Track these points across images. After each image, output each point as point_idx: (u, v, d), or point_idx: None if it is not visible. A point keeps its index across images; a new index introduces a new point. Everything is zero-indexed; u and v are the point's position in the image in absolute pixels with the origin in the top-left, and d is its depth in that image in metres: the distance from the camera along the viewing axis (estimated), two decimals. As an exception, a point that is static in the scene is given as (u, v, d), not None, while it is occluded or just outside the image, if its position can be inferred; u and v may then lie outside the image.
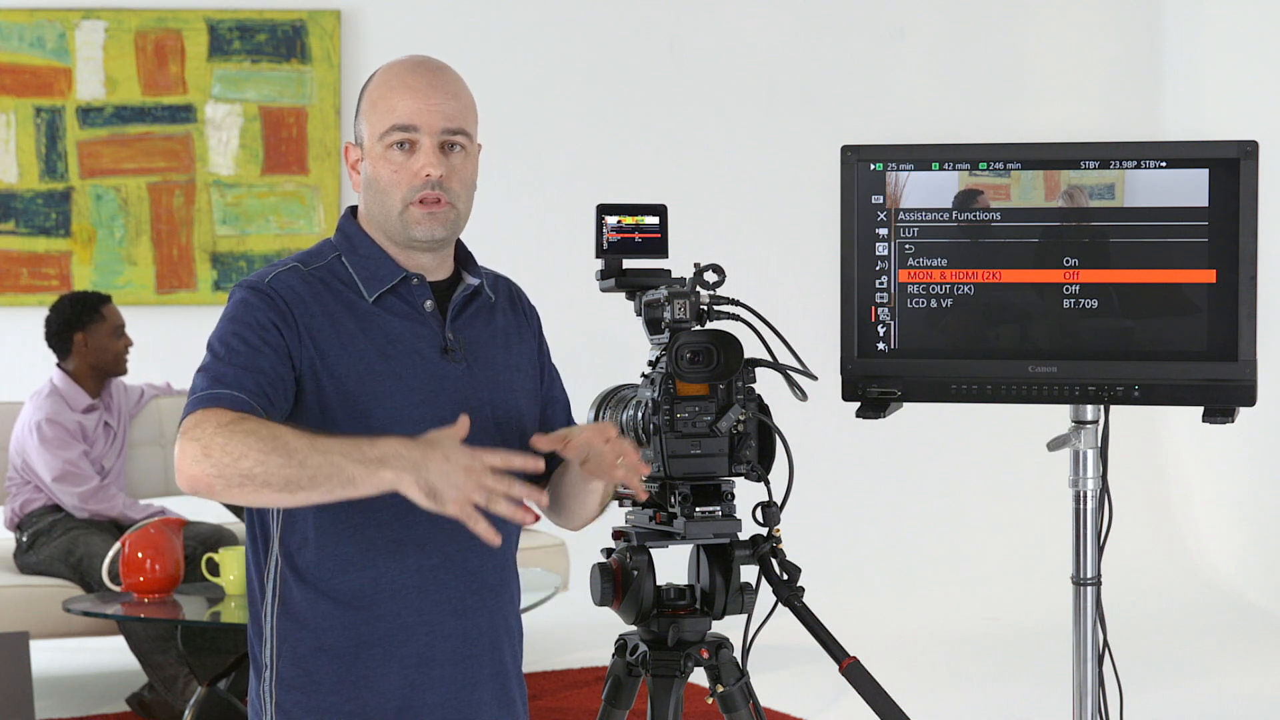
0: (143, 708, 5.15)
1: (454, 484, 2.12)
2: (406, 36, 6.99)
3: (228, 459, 2.15)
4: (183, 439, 2.20)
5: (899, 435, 6.30)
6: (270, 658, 2.39)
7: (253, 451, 2.15)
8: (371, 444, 2.15)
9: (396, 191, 2.39)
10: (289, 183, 7.01)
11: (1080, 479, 2.96)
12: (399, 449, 2.13)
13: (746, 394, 2.57)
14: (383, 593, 2.37)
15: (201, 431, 2.18)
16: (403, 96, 2.38)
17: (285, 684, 2.38)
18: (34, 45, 6.87)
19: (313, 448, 2.14)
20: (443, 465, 2.12)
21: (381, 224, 2.42)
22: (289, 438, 2.16)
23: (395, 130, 2.38)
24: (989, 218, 2.89)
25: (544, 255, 7.00)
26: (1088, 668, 2.95)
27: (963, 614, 6.63)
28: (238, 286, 2.39)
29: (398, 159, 2.38)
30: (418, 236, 2.39)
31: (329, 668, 2.37)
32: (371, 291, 2.39)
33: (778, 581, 2.59)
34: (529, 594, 4.70)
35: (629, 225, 2.69)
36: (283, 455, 2.14)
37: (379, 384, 2.35)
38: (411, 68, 2.41)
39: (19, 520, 5.57)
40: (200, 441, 2.18)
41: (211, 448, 2.16)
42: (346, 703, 2.37)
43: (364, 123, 2.42)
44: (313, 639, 2.37)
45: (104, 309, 5.68)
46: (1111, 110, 7.42)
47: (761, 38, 7.29)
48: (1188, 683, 5.55)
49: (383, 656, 2.37)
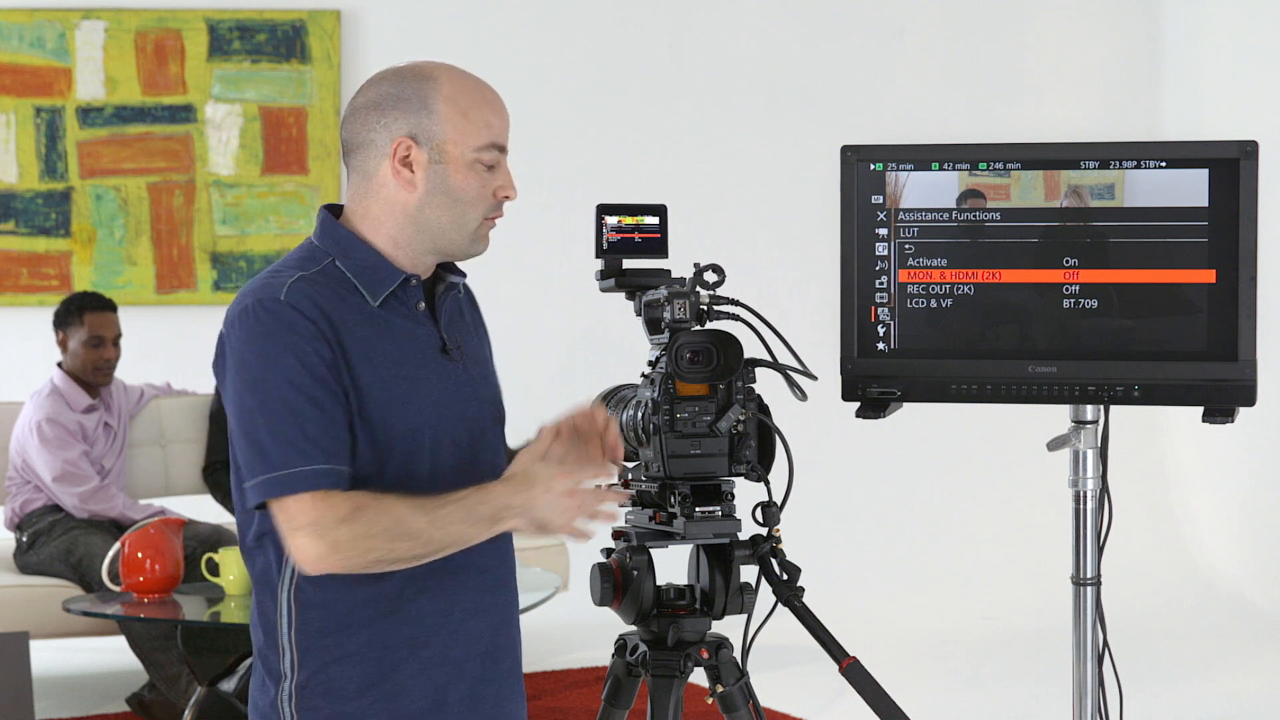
0: (143, 708, 5.15)
1: (559, 511, 2.29)
2: (406, 36, 6.99)
3: (356, 554, 2.24)
4: (301, 535, 2.24)
5: (899, 435, 6.30)
6: (290, 667, 2.35)
7: (380, 545, 2.24)
8: (481, 500, 2.28)
9: (480, 206, 2.37)
10: (289, 183, 7.01)
11: (1080, 479, 2.96)
12: (507, 499, 2.28)
13: (746, 394, 2.56)
14: (405, 596, 2.35)
15: (323, 529, 2.23)
16: (493, 113, 2.38)
17: (307, 692, 2.34)
18: (34, 45, 6.87)
19: (433, 524, 2.26)
20: (545, 498, 2.28)
21: (440, 232, 2.37)
22: (409, 519, 2.25)
23: (493, 148, 2.37)
24: (989, 218, 2.89)
25: (544, 255, 7.01)
26: (1088, 668, 2.95)
27: (963, 614, 6.63)
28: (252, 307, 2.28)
29: (484, 175, 2.37)
30: (477, 252, 2.42)
31: (353, 674, 2.34)
32: (376, 296, 2.36)
33: (777, 581, 2.59)
34: (529, 594, 4.69)
35: (629, 225, 2.69)
36: (408, 541, 2.25)
37: (399, 388, 2.33)
38: (481, 83, 2.40)
39: (19, 520, 5.57)
40: (325, 540, 2.24)
41: (339, 545, 2.24)
42: (372, 705, 2.35)
43: (448, 128, 2.35)
44: (335, 646, 2.34)
45: (86, 316, 5.60)
46: (1111, 110, 7.42)
47: (761, 38, 7.29)
48: (1188, 683, 5.55)
49: (406, 658, 2.36)
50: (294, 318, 2.27)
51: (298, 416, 2.25)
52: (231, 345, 2.31)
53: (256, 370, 2.27)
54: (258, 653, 2.40)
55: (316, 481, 2.24)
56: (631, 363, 2.93)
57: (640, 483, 2.64)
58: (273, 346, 2.26)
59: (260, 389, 2.26)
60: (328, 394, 2.26)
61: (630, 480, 2.67)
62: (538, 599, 4.78)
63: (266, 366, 2.26)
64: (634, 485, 2.66)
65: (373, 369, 2.31)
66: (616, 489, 2.42)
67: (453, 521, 2.25)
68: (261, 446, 2.25)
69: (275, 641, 2.36)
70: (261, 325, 2.27)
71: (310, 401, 2.25)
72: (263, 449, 2.25)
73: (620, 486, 2.66)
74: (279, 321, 2.27)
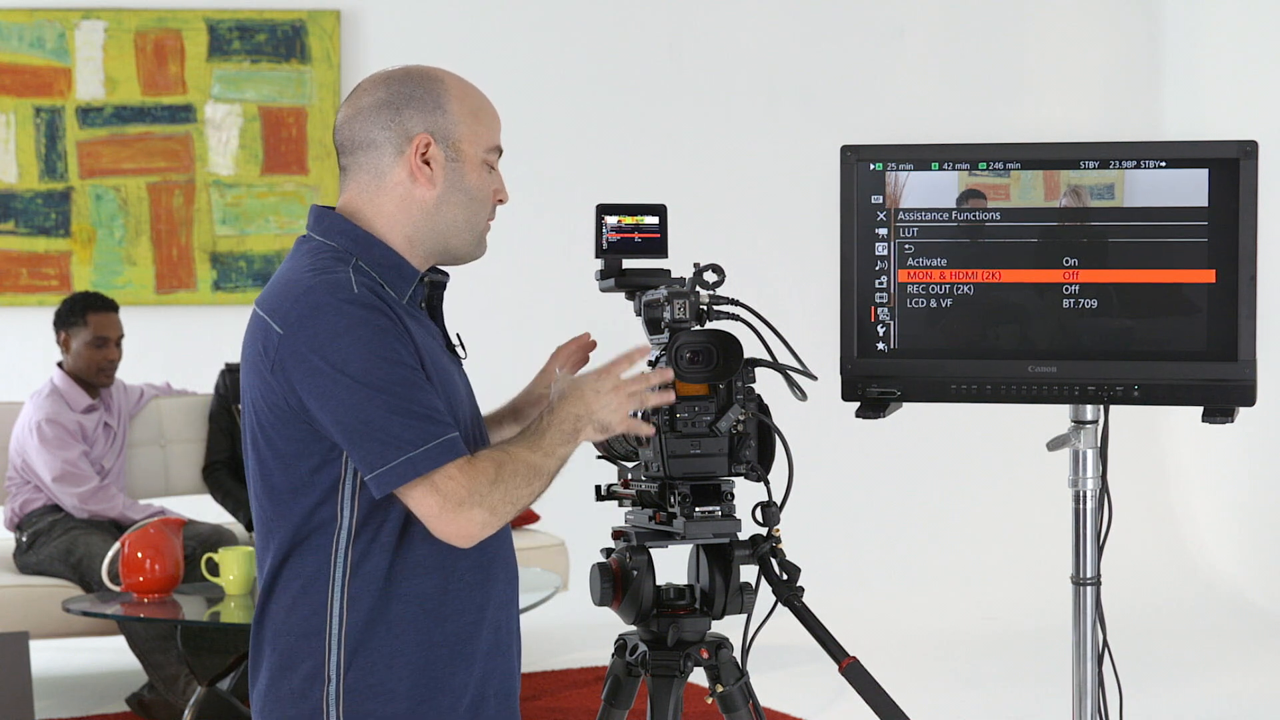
0: (143, 708, 5.15)
1: (613, 409, 2.37)
2: (406, 36, 7.00)
3: (508, 509, 2.31)
4: (459, 510, 2.26)
5: (899, 435, 6.31)
6: (335, 669, 2.33)
7: (523, 493, 2.31)
8: (561, 421, 2.35)
9: (488, 206, 2.44)
10: (289, 183, 7.01)
11: (1080, 479, 2.96)
12: (575, 411, 2.36)
13: (746, 394, 2.56)
14: (449, 593, 2.36)
15: (481, 496, 2.28)
16: (495, 117, 2.45)
17: (356, 694, 2.32)
18: (34, 45, 6.87)
19: (547, 456, 2.33)
20: (600, 399, 2.36)
21: (453, 231, 2.41)
22: (531, 459, 2.32)
23: (496, 150, 2.44)
24: (989, 218, 2.89)
25: (544, 255, 7.01)
26: (1088, 668, 2.95)
27: (963, 614, 6.63)
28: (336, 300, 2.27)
29: (488, 176, 2.44)
30: (479, 254, 2.46)
31: (403, 674, 2.33)
32: (403, 293, 2.38)
33: (777, 581, 2.58)
34: (529, 594, 4.70)
35: (629, 225, 2.69)
36: (539, 479, 2.32)
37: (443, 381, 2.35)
38: (477, 87, 2.45)
39: (19, 520, 5.57)
40: (484, 506, 2.28)
41: (496, 507, 2.29)
42: (420, 704, 2.34)
43: (462, 128, 2.39)
44: (387, 647, 2.33)
45: (90, 315, 5.61)
46: (1111, 110, 7.42)
47: (761, 38, 7.29)
48: (1188, 683, 5.55)
49: (449, 656, 2.36)
50: (377, 305, 2.28)
51: (419, 392, 2.26)
52: (312, 344, 2.26)
53: (361, 360, 2.24)
54: (289, 655, 2.35)
55: (459, 448, 2.27)
56: (631, 363, 2.92)
57: (640, 483, 2.64)
58: (369, 334, 2.26)
59: (371, 375, 2.24)
60: (412, 362, 2.29)
61: (630, 480, 2.67)
62: (538, 599, 4.77)
63: (371, 353, 2.25)
64: (634, 485, 2.66)
65: (429, 362, 2.33)
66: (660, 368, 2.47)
67: (554, 445, 2.33)
68: (387, 430, 2.23)
69: (322, 642, 2.34)
70: (348, 317, 2.26)
71: (423, 378, 2.29)
72: (389, 432, 2.23)
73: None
74: (367, 310, 2.27)
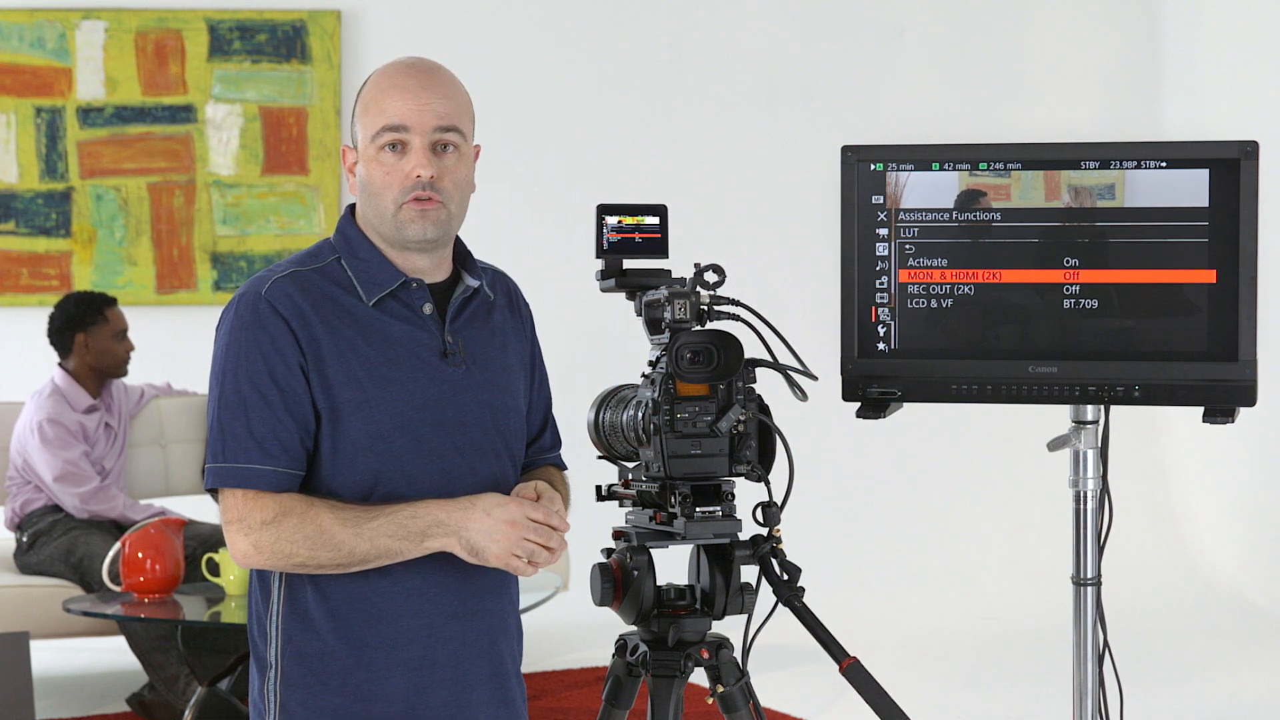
0: (143, 708, 5.15)
1: (495, 540, 2.31)
2: (406, 36, 6.99)
3: (278, 556, 2.31)
4: (231, 530, 2.34)
5: (899, 435, 6.30)
6: (275, 656, 2.40)
7: (301, 551, 2.31)
8: (413, 516, 2.30)
9: (389, 193, 2.40)
10: (289, 183, 7.01)
11: (1080, 479, 2.96)
12: (440, 516, 2.30)
13: (746, 394, 2.56)
14: (384, 596, 2.37)
15: (248, 528, 2.32)
16: (394, 97, 2.39)
17: (290, 683, 2.38)
18: (34, 45, 6.87)
19: (358, 536, 2.29)
20: (484, 521, 2.31)
21: (377, 226, 2.43)
22: (333, 530, 2.29)
23: (386, 131, 2.39)
24: (989, 218, 2.89)
25: (544, 255, 7.00)
26: (1088, 668, 2.95)
27: (963, 614, 6.62)
28: (237, 300, 2.39)
29: (389, 160, 2.39)
30: (411, 236, 2.40)
31: (334, 669, 2.37)
32: (371, 296, 2.40)
33: (778, 581, 2.58)
34: (529, 594, 4.70)
35: (629, 225, 2.69)
36: (330, 550, 2.30)
37: (378, 390, 2.36)
38: (404, 69, 2.42)
39: (19, 520, 5.57)
40: (249, 539, 2.32)
41: (261, 546, 2.31)
42: (351, 703, 2.37)
43: (358, 125, 2.43)
44: (318, 640, 2.37)
45: (108, 311, 5.68)
46: (1111, 110, 7.42)
47: (761, 38, 7.29)
48: (1188, 683, 5.55)
49: (385, 660, 2.38)
50: (269, 315, 2.34)
51: (247, 412, 2.32)
52: (217, 333, 2.41)
53: (223, 361, 2.36)
54: (251, 641, 2.46)
55: (247, 480, 2.31)
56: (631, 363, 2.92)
57: (641, 483, 2.64)
58: (242, 340, 2.34)
59: (222, 379, 2.35)
60: (284, 396, 2.32)
61: (631, 480, 2.67)
62: (538, 599, 4.78)
63: (231, 359, 2.35)
64: (634, 485, 2.66)
65: (347, 369, 2.35)
66: (562, 538, 2.42)
67: (380, 535, 2.30)
68: (214, 435, 2.35)
69: (265, 629, 2.41)
70: (239, 318, 2.36)
71: (262, 399, 2.32)
72: (214, 438, 2.35)
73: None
74: (255, 316, 2.35)
